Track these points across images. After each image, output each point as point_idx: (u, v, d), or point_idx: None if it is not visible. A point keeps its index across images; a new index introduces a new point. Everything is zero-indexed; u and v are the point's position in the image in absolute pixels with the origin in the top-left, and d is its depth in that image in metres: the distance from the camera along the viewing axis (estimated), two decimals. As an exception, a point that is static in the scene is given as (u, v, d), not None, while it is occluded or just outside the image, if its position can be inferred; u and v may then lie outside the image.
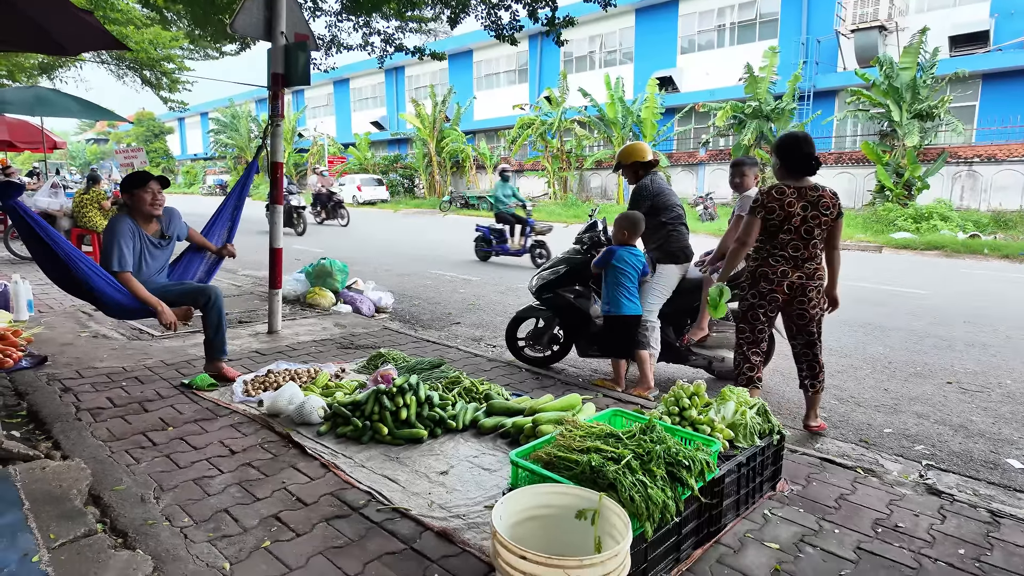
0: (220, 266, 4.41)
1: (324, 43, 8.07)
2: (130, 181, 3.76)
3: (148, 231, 3.77)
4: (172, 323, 3.63)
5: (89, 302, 3.69)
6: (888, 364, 4.93)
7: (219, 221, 4.32)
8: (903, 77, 15.61)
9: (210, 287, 3.87)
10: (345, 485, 2.59)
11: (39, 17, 3.99)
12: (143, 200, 3.70)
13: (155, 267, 3.84)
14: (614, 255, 3.88)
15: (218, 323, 3.82)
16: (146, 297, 3.59)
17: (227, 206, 4.37)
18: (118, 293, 3.54)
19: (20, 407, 3.37)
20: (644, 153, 4.20)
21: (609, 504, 1.73)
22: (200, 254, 4.24)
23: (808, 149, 3.24)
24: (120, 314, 3.77)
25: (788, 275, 3.26)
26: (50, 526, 2.13)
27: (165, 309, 3.61)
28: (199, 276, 4.26)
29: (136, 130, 47.80)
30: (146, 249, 3.74)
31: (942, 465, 3.16)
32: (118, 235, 3.58)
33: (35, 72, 13.90)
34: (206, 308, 3.80)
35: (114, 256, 3.55)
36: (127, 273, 3.57)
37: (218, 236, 4.31)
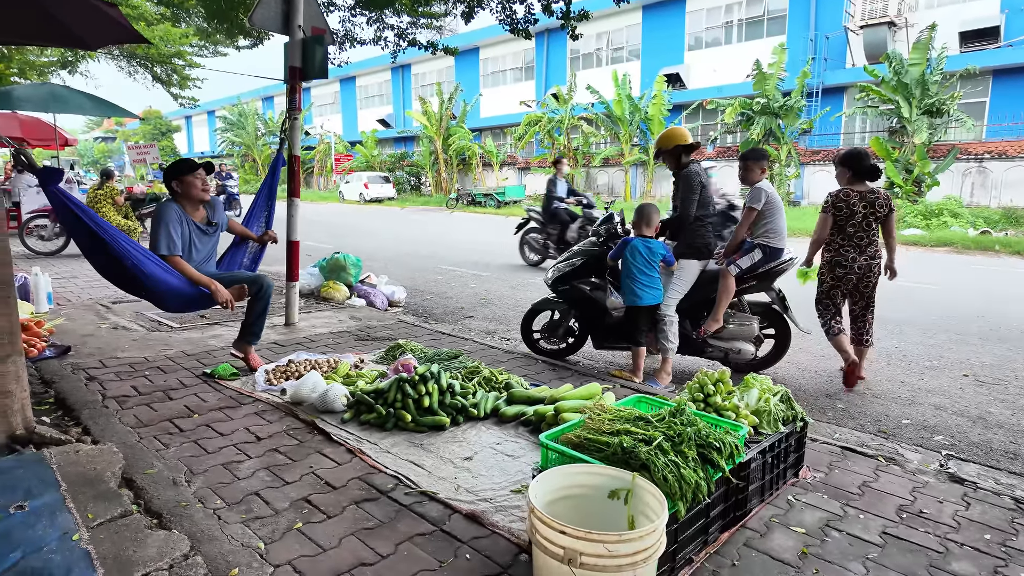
0: (264, 253, 4.44)
1: (338, 38, 8.10)
2: (179, 167, 3.73)
3: (195, 218, 3.76)
4: (228, 300, 3.62)
5: (143, 295, 3.61)
6: (903, 357, 4.93)
7: (256, 211, 4.36)
8: (912, 73, 15.55)
9: (263, 277, 3.88)
10: (372, 470, 2.62)
11: (61, 11, 4.03)
12: (194, 185, 3.69)
13: (204, 253, 3.83)
14: (628, 246, 3.90)
15: (262, 311, 3.87)
16: (198, 278, 3.57)
17: (261, 196, 4.42)
18: (172, 276, 3.51)
19: (48, 394, 3.42)
20: (685, 136, 4.16)
21: (643, 483, 1.76)
22: (243, 245, 4.27)
23: (871, 162, 4.14)
24: (175, 302, 3.67)
25: (856, 260, 4.09)
26: (87, 506, 2.17)
27: (219, 287, 3.60)
28: (246, 265, 4.30)
29: (143, 128, 48.00)
30: (194, 234, 3.73)
31: (962, 455, 3.17)
32: (167, 220, 3.56)
33: (47, 70, 13.99)
34: (256, 295, 3.83)
35: (162, 240, 3.53)
36: (176, 256, 3.56)
37: (256, 225, 4.35)
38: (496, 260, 10.60)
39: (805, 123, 18.64)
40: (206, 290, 3.61)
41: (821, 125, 19.84)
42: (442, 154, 28.91)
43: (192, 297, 3.65)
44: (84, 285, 6.84)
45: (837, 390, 4.17)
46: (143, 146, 13.29)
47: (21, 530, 1.96)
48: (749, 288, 4.26)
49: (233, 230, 4.17)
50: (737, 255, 4.17)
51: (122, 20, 3.99)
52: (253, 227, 4.30)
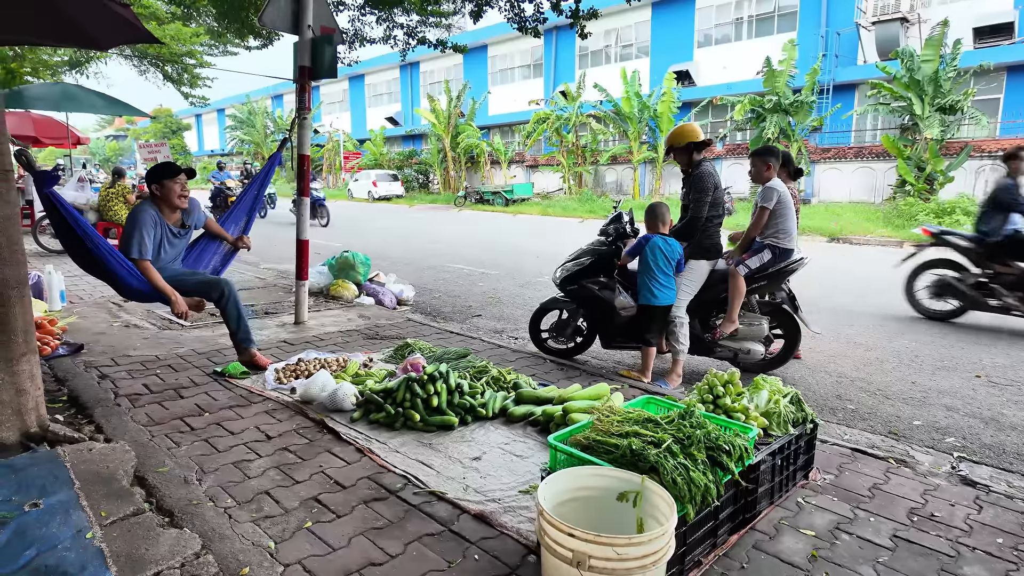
0: (235, 257, 4.45)
1: (348, 36, 8.13)
2: (160, 171, 3.80)
3: (170, 221, 3.83)
4: (184, 313, 3.72)
5: (107, 283, 3.78)
6: (914, 357, 4.89)
7: (237, 211, 4.37)
8: (925, 70, 15.37)
9: (222, 280, 3.90)
10: (381, 469, 2.64)
11: (74, 11, 4.06)
12: (172, 191, 3.76)
13: (172, 255, 3.91)
14: (649, 243, 3.89)
15: (237, 315, 3.86)
16: (161, 286, 3.67)
17: (247, 197, 4.42)
18: (135, 280, 3.64)
19: (61, 392, 3.46)
20: (697, 133, 4.13)
21: (652, 486, 1.75)
22: (216, 242, 4.29)
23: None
24: (135, 298, 3.85)
25: None
26: (100, 504, 2.19)
27: (178, 299, 3.70)
28: (213, 265, 4.31)
29: (154, 126, 48.33)
30: (166, 238, 3.81)
31: (974, 457, 3.14)
32: (140, 224, 3.65)
33: (60, 69, 14.11)
34: (221, 303, 3.84)
35: (134, 243, 3.62)
36: (146, 261, 3.65)
37: (235, 226, 4.36)
38: (504, 259, 10.60)
39: (816, 120, 18.48)
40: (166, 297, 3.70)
41: (832, 122, 19.67)
42: (450, 152, 28.92)
43: (150, 295, 3.76)
44: (96, 283, 6.90)
45: (847, 390, 4.14)
46: (154, 144, 13.39)
47: (36, 528, 1.99)
48: (759, 288, 4.24)
49: (209, 229, 4.20)
50: (746, 255, 4.15)
51: (134, 20, 4.01)
52: (231, 228, 4.31)
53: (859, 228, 14.85)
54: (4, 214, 2.58)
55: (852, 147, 19.44)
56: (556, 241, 13.00)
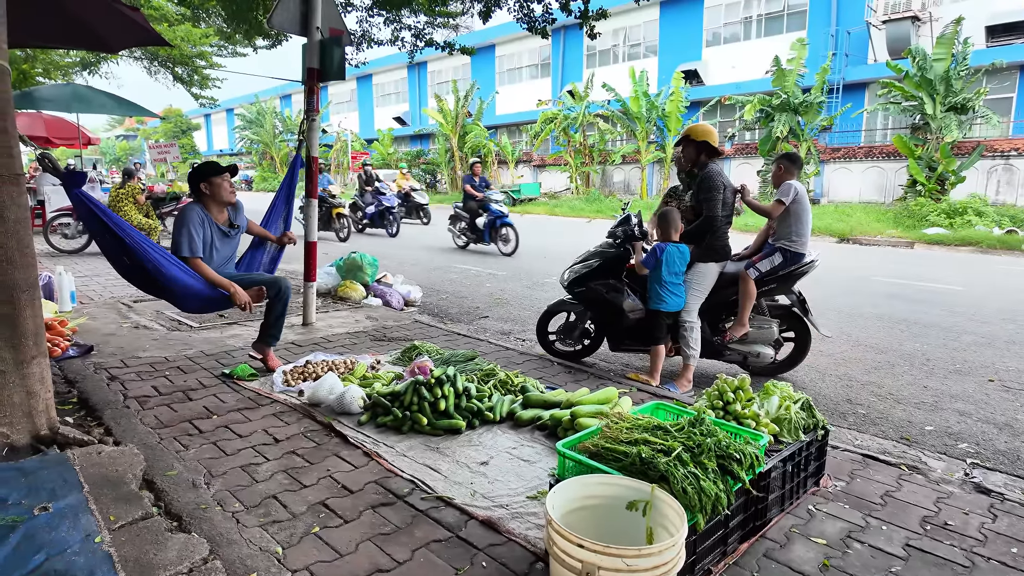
0: (283, 254, 4.45)
1: (356, 38, 8.14)
2: (207, 169, 3.76)
3: (218, 220, 3.79)
4: (246, 302, 3.66)
5: (163, 296, 3.67)
6: (926, 361, 4.84)
7: (275, 212, 4.37)
8: (937, 69, 15.22)
9: (282, 279, 3.90)
10: (388, 474, 2.63)
11: (85, 15, 4.09)
12: (222, 188, 3.73)
13: (224, 255, 3.87)
14: (664, 252, 3.87)
15: (281, 313, 3.88)
16: (218, 280, 3.62)
17: (279, 197, 4.44)
18: (191, 279, 3.55)
19: (71, 394, 3.48)
20: (713, 136, 4.14)
21: (662, 495, 1.74)
22: (262, 247, 4.30)
23: None
24: (195, 303, 3.72)
25: None
26: (109, 508, 2.19)
27: (238, 289, 3.64)
28: (264, 266, 4.32)
29: (164, 126, 48.62)
30: (215, 237, 3.77)
31: (988, 464, 3.10)
32: (188, 222, 3.60)
33: (71, 70, 14.23)
34: (275, 298, 3.86)
35: (184, 242, 3.57)
36: (197, 259, 3.60)
37: (275, 226, 4.36)
38: (511, 259, 10.59)
39: (825, 120, 18.35)
40: (225, 292, 3.64)
41: (842, 122, 19.52)
42: (458, 152, 28.93)
43: (211, 298, 3.69)
44: (106, 283, 6.95)
45: (858, 394, 4.10)
46: (164, 145, 13.47)
47: (45, 532, 1.99)
48: (769, 291, 4.21)
49: (252, 231, 4.20)
50: (757, 258, 4.12)
51: (144, 23, 4.04)
52: (272, 228, 4.33)
53: (869, 228, 14.74)
54: (15, 217, 2.60)
55: (862, 147, 19.28)
56: (563, 241, 12.98)
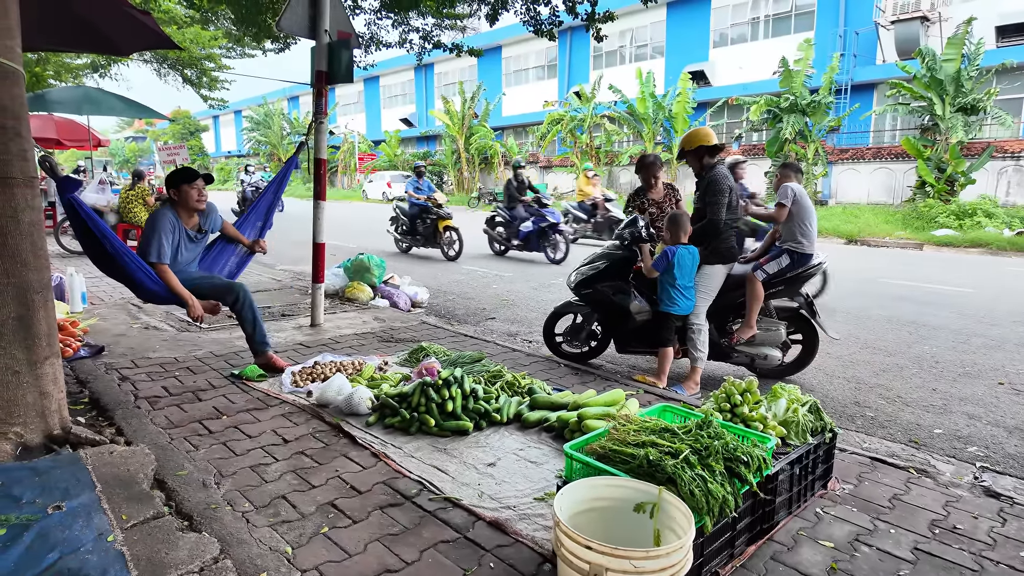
0: (250, 260, 4.48)
1: (364, 41, 8.18)
2: (178, 176, 3.85)
3: (187, 225, 3.90)
4: (199, 316, 3.79)
5: (125, 285, 3.85)
6: (935, 364, 4.82)
7: (253, 215, 4.40)
8: (947, 69, 15.14)
9: (237, 285, 3.94)
10: (396, 474, 2.64)
11: (97, 19, 4.13)
12: (190, 196, 3.83)
13: (189, 258, 3.97)
14: (675, 255, 3.88)
15: (253, 318, 3.91)
16: (179, 291, 3.75)
17: (263, 201, 4.46)
18: (153, 283, 3.72)
19: (83, 395, 3.51)
20: (708, 137, 4.08)
21: (669, 498, 1.74)
22: (232, 245, 4.33)
23: None
24: (152, 300, 3.92)
25: None
26: (121, 507, 2.22)
27: (194, 303, 3.77)
28: (230, 268, 4.35)
29: (173, 128, 48.98)
30: (183, 241, 3.88)
31: (997, 467, 3.08)
32: (159, 228, 3.72)
33: (82, 73, 14.35)
34: (237, 307, 3.89)
35: (153, 247, 3.70)
36: (164, 265, 3.72)
37: (251, 230, 4.40)
38: (518, 261, 10.60)
39: (833, 121, 18.27)
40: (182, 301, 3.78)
41: (850, 123, 19.43)
42: (464, 153, 29.00)
43: (167, 298, 3.84)
44: (116, 284, 6.95)
45: (866, 397, 4.09)
46: (173, 146, 13.56)
47: (59, 530, 2.02)
48: (776, 293, 4.20)
49: (226, 233, 4.25)
50: (764, 260, 4.12)
51: (155, 27, 4.08)
52: (248, 231, 4.35)
53: (877, 230, 14.66)
54: (29, 219, 2.63)
55: (871, 148, 19.18)
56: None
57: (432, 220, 10.47)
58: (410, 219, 10.73)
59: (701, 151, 4.08)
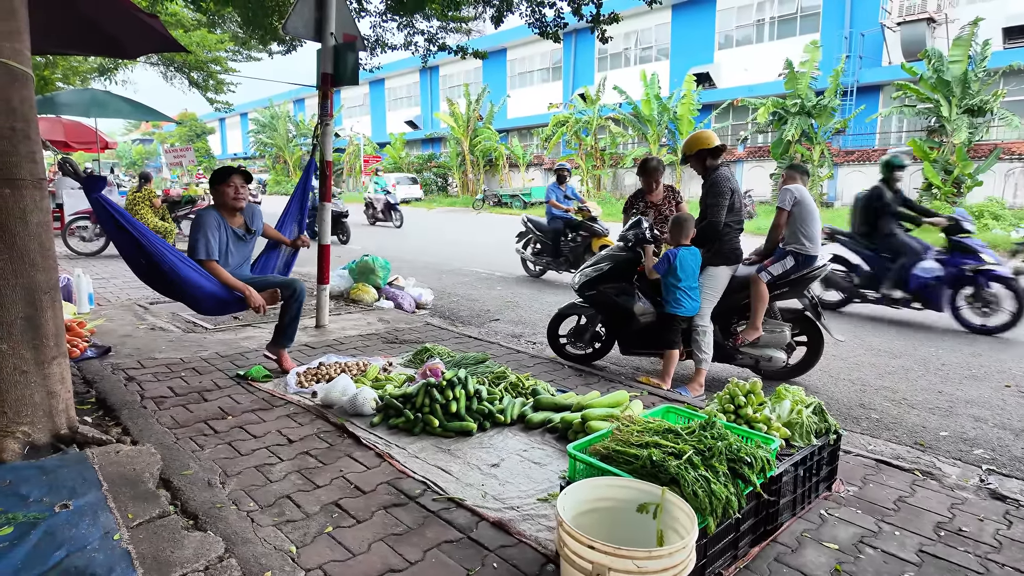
0: (297, 257, 4.49)
1: (369, 43, 8.21)
2: (214, 176, 3.86)
3: (233, 224, 3.87)
4: (261, 306, 3.71)
5: (179, 298, 3.73)
6: (941, 366, 4.79)
7: (289, 215, 4.42)
8: (953, 71, 15.07)
9: (296, 281, 3.96)
10: (400, 475, 2.65)
11: (105, 22, 4.17)
12: (226, 194, 3.80)
13: (239, 259, 3.94)
14: (676, 257, 3.88)
15: (295, 314, 3.94)
16: (233, 282, 3.67)
17: (294, 201, 4.48)
18: (206, 281, 3.62)
19: (89, 394, 3.54)
20: (709, 140, 4.07)
21: (673, 498, 1.74)
22: (276, 249, 4.35)
23: None
24: (209, 304, 3.76)
25: None
26: (127, 507, 2.23)
27: (252, 292, 3.69)
28: (278, 269, 4.37)
29: (179, 130, 49.23)
30: (231, 241, 3.84)
31: (1003, 470, 3.06)
32: (204, 226, 3.68)
33: (89, 76, 14.46)
34: (289, 299, 3.91)
35: (200, 245, 3.64)
36: (213, 261, 3.66)
37: (289, 230, 4.41)
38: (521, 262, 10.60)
39: (839, 123, 18.22)
40: (240, 295, 3.70)
41: (856, 125, 19.37)
42: (469, 155, 29.04)
43: (226, 300, 3.74)
44: (123, 285, 7.06)
45: (872, 399, 4.07)
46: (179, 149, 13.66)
47: (66, 529, 2.03)
48: (781, 295, 4.19)
49: (267, 235, 4.25)
50: (768, 262, 4.11)
51: (162, 30, 4.11)
52: (286, 231, 4.38)
53: (884, 232, 14.58)
54: (37, 220, 2.65)
55: (876, 149, 19.11)
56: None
57: (584, 238, 8.18)
58: (551, 236, 8.36)
59: (702, 154, 4.08)
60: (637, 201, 4.79)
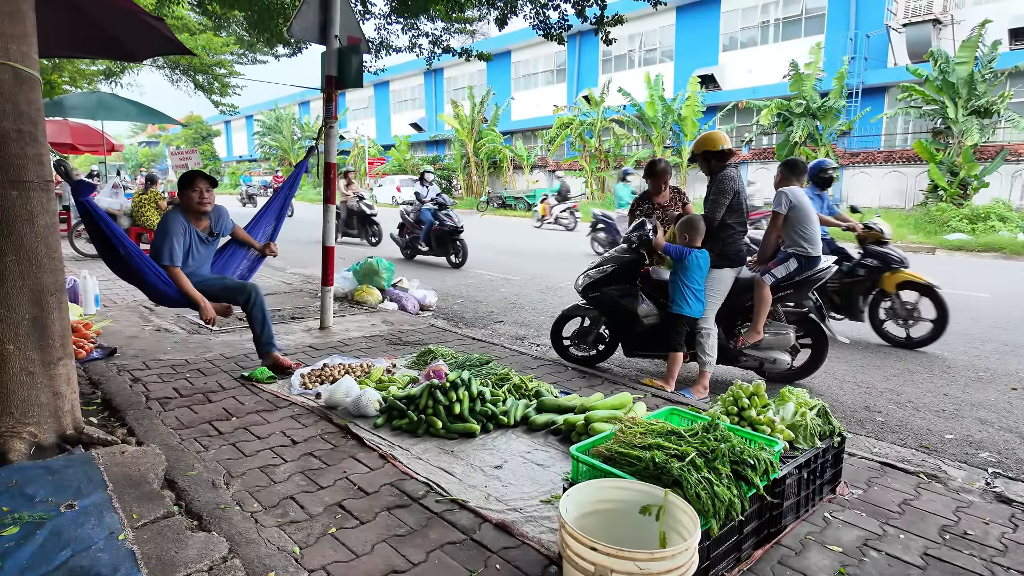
0: (262, 263, 4.53)
1: (374, 46, 8.24)
2: (181, 181, 3.98)
3: (198, 227, 3.96)
4: (212, 319, 3.84)
5: (139, 288, 3.91)
6: (947, 368, 4.77)
7: (264, 219, 4.44)
8: (959, 72, 15.01)
9: (249, 285, 4.00)
10: (403, 476, 2.66)
11: (111, 25, 4.20)
12: (191, 199, 3.90)
13: (200, 260, 4.03)
14: (689, 255, 3.89)
15: (263, 319, 3.97)
16: (191, 292, 3.80)
17: (273, 204, 4.50)
18: (166, 286, 3.78)
19: (95, 395, 3.56)
20: (715, 142, 4.05)
21: (675, 500, 1.74)
22: (243, 249, 4.38)
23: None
24: (164, 303, 3.97)
25: None
26: (132, 507, 2.25)
27: (206, 305, 3.82)
28: (241, 271, 4.40)
29: (185, 133, 49.47)
30: (194, 244, 3.94)
31: (1010, 473, 3.05)
32: (170, 231, 3.79)
33: (96, 79, 14.55)
34: (248, 307, 3.96)
35: (165, 251, 3.76)
36: (176, 268, 3.78)
37: (262, 234, 4.44)
38: (526, 264, 10.61)
39: (844, 124, 18.17)
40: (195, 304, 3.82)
41: (861, 126, 19.31)
42: (473, 157, 29.07)
43: (179, 301, 3.89)
44: (129, 287, 7.05)
45: (876, 402, 4.06)
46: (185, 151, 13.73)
47: (71, 529, 2.05)
48: (785, 297, 4.18)
49: (237, 236, 4.30)
50: (772, 264, 4.10)
51: (168, 33, 4.13)
52: (258, 235, 4.40)
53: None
54: (44, 223, 2.67)
55: (882, 151, 19.04)
56: (578, 247, 12.98)
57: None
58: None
59: (708, 156, 4.08)
60: (643, 203, 4.79)
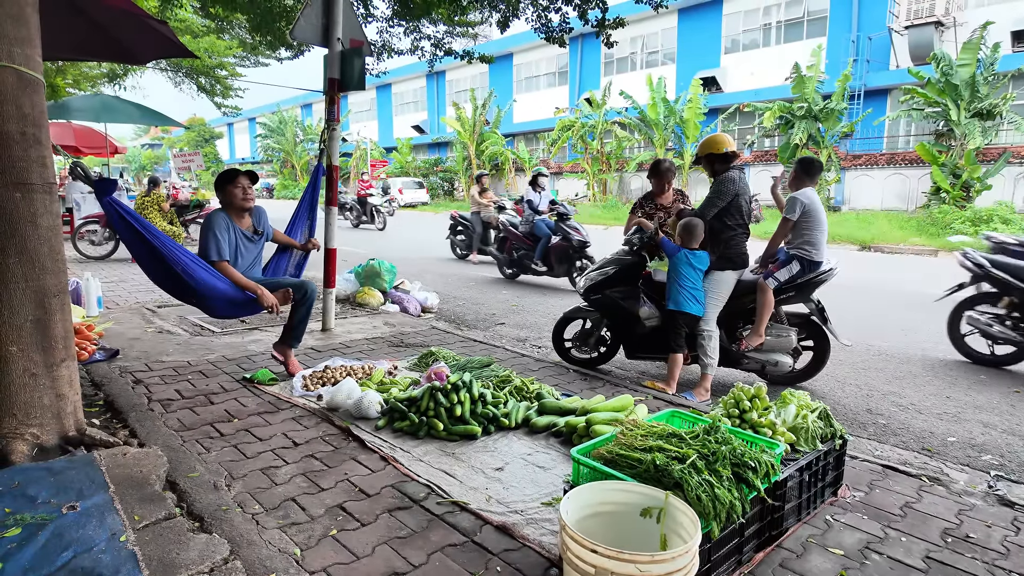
0: (308, 260, 4.52)
1: (376, 48, 8.26)
2: (222, 178, 3.88)
3: (242, 225, 3.89)
4: (273, 305, 3.72)
5: (193, 302, 3.75)
6: (949, 371, 4.76)
7: (299, 220, 4.44)
8: (962, 74, 15.00)
9: (308, 283, 3.97)
10: (404, 478, 2.66)
11: (115, 28, 4.22)
12: (234, 195, 3.83)
13: (248, 260, 3.96)
14: (679, 252, 3.89)
15: (305, 315, 3.97)
16: (245, 283, 3.69)
17: (303, 205, 4.51)
18: (220, 282, 3.63)
19: (97, 397, 3.57)
20: (719, 145, 4.05)
21: (676, 503, 1.74)
22: (287, 252, 4.37)
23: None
24: (222, 305, 3.78)
25: None
26: (134, 508, 2.25)
27: (265, 292, 3.70)
28: (290, 272, 4.39)
29: (188, 135, 49.56)
30: (240, 242, 3.87)
31: (1012, 476, 3.03)
32: (214, 227, 3.71)
33: (99, 81, 14.60)
34: (300, 300, 3.93)
35: (211, 246, 3.67)
36: (225, 262, 3.69)
37: (300, 233, 4.43)
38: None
39: (846, 127, 18.16)
40: (252, 295, 3.71)
41: (863, 128, 19.30)
42: (475, 160, 29.11)
43: (239, 301, 3.77)
44: (131, 289, 7.11)
45: (879, 404, 4.05)
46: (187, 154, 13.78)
47: (73, 530, 2.05)
48: (787, 299, 4.18)
49: (277, 240, 4.28)
50: (775, 267, 4.10)
51: (171, 36, 4.15)
52: (296, 235, 4.40)
53: (892, 236, 14.51)
54: (47, 224, 2.68)
55: (884, 153, 19.03)
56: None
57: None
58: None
59: (712, 159, 4.09)
60: (646, 203, 4.79)
